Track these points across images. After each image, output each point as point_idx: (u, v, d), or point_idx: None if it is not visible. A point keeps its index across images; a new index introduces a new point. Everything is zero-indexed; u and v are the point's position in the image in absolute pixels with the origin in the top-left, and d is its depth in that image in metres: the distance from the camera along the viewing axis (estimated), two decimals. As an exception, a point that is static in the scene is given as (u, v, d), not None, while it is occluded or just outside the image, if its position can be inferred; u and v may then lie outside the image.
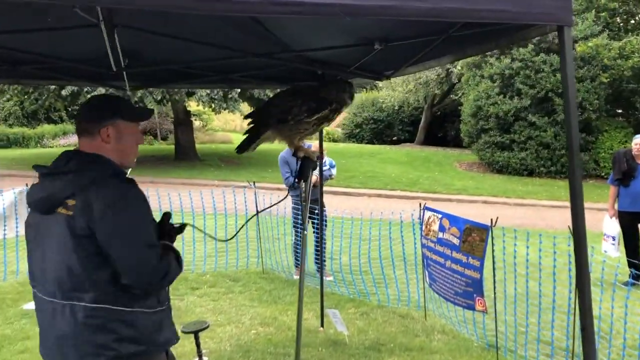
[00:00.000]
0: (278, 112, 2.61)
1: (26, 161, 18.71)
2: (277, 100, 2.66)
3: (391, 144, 27.15)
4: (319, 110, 2.56)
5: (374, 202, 13.56)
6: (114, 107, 2.20)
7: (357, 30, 3.17)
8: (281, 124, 2.63)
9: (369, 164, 19.26)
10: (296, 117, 2.59)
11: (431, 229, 4.96)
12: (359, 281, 6.19)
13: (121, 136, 2.18)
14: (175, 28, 3.17)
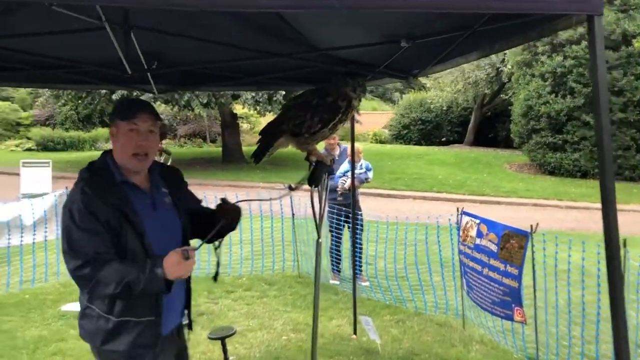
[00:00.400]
0: (291, 127, 2.50)
1: (80, 164, 19.06)
2: (288, 114, 2.54)
3: (439, 145, 26.65)
4: (333, 118, 2.44)
5: (418, 204, 13.28)
6: (117, 107, 2.36)
7: (382, 27, 3.04)
8: (296, 137, 2.52)
9: (415, 165, 18.94)
10: (310, 129, 2.47)
11: (468, 235, 4.74)
12: (395, 287, 6.00)
13: (118, 136, 2.22)
14: (196, 29, 3.12)
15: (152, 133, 2.25)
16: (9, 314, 5.54)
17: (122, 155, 2.21)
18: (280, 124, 2.56)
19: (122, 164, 2.23)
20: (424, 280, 5.83)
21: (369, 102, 33.90)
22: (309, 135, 2.48)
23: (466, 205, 10.96)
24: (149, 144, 2.24)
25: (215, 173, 16.48)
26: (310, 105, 2.49)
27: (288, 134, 2.53)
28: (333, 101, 2.45)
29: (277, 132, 2.58)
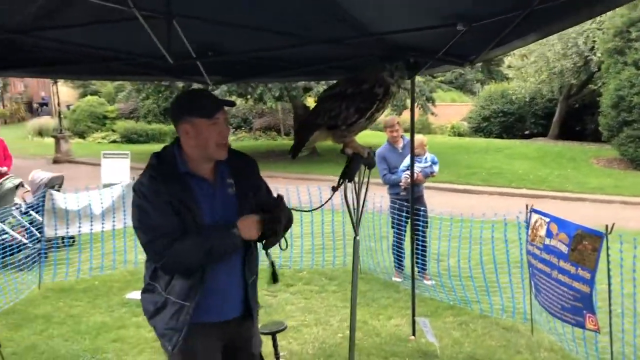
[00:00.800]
0: (326, 120, 2.34)
1: (160, 155, 19.96)
2: (323, 106, 2.38)
3: (522, 139, 25.50)
4: (370, 106, 2.25)
5: (494, 200, 12.72)
6: (187, 106, 2.30)
7: (437, 9, 2.84)
8: (332, 130, 2.36)
9: (494, 159, 18.18)
10: (346, 121, 2.30)
11: (537, 234, 4.40)
12: (458, 287, 5.70)
13: (198, 133, 2.25)
14: (244, 17, 3.03)
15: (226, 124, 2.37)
16: (78, 299, 5.75)
17: (205, 150, 2.28)
18: (315, 118, 2.41)
19: (200, 158, 2.31)
20: (491, 281, 5.50)
21: (447, 93, 32.95)
22: (346, 127, 2.31)
23: (546, 202, 10.33)
24: (227, 133, 2.36)
25: (286, 166, 16.53)
26: (345, 95, 2.31)
27: (324, 128, 2.37)
28: (369, 89, 2.26)
29: (312, 126, 2.43)
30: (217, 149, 2.29)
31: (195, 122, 2.25)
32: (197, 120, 2.24)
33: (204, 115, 2.24)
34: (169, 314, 2.30)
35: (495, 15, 2.64)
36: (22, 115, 42.42)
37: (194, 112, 2.25)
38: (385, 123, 6.65)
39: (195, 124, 2.25)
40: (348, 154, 2.33)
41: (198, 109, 2.27)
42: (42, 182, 7.42)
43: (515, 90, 26.39)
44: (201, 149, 2.28)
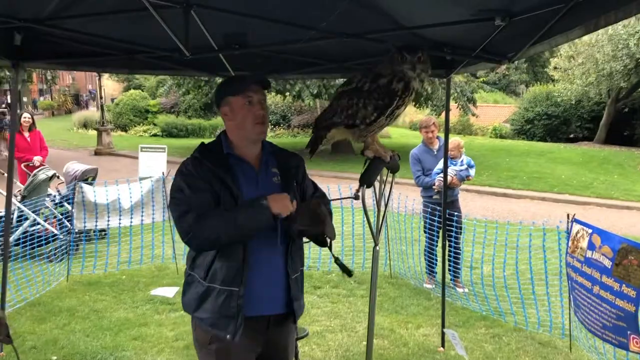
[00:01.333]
0: (343, 118, 2.16)
1: (198, 150, 20.11)
2: (340, 103, 2.19)
3: (566, 142, 24.71)
4: (390, 103, 2.04)
5: (535, 205, 12.29)
6: (223, 89, 2.37)
7: (476, 2, 2.63)
8: (350, 128, 2.18)
9: (536, 163, 17.62)
10: (365, 119, 2.11)
11: (579, 246, 4.11)
12: (492, 297, 5.42)
13: (235, 112, 2.29)
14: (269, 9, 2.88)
15: (264, 103, 2.35)
16: (104, 293, 5.72)
17: (243, 130, 2.30)
18: (332, 115, 2.23)
19: (241, 140, 2.32)
20: (527, 292, 5.22)
21: (490, 95, 32.23)
22: (365, 127, 2.11)
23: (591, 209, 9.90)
24: (265, 112, 2.33)
25: (322, 164, 16.41)
26: (362, 91, 2.11)
27: (341, 126, 2.19)
28: (387, 84, 2.06)
29: (329, 124, 2.25)
30: (254, 127, 2.28)
31: (230, 101, 2.29)
32: (232, 99, 2.29)
33: (236, 92, 2.28)
34: (218, 301, 2.22)
35: (536, 8, 2.42)
36: (69, 107, 43.58)
37: (228, 91, 2.32)
38: (421, 123, 6.43)
39: (231, 104, 2.29)
40: (368, 156, 2.14)
41: (231, 87, 2.34)
42: (76, 174, 7.46)
43: (560, 93, 25.62)
44: (240, 128, 2.30)
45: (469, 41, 3.23)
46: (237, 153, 2.33)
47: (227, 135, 2.37)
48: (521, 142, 24.95)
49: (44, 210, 7.03)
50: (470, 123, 28.05)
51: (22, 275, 5.69)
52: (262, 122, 2.31)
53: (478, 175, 8.97)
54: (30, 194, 6.85)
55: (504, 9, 2.61)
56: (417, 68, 2.05)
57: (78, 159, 17.18)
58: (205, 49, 3.15)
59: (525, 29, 2.62)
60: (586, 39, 23.02)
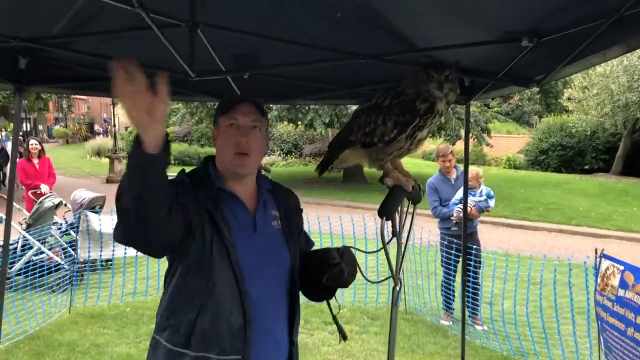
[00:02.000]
0: (360, 136, 1.95)
1: (209, 179, 20.04)
2: (357, 121, 1.99)
3: (581, 174, 24.37)
4: (412, 120, 1.84)
5: (553, 238, 11.96)
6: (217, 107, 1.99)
7: (499, 21, 2.45)
8: (367, 148, 1.96)
9: (552, 194, 17.30)
10: (384, 137, 1.89)
11: (609, 284, 3.85)
12: (513, 335, 5.12)
13: (219, 138, 1.92)
14: (278, 28, 2.72)
15: (255, 130, 1.89)
16: (107, 327, 5.50)
17: (222, 157, 1.90)
18: (348, 134, 2.02)
19: (223, 169, 1.91)
20: (550, 330, 4.92)
21: (503, 125, 32.00)
22: (383, 145, 1.90)
23: (611, 242, 9.58)
24: (251, 141, 1.87)
25: (334, 192, 16.20)
26: (382, 107, 1.92)
27: (357, 146, 1.98)
28: (409, 101, 1.87)
29: (344, 143, 2.04)
30: (233, 158, 1.85)
31: (218, 122, 1.92)
32: (219, 119, 1.91)
33: (223, 112, 1.90)
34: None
35: (568, 27, 2.22)
36: (84, 135, 44.00)
37: (218, 110, 1.94)
38: (438, 151, 6.23)
39: (219, 125, 1.91)
40: (388, 185, 1.93)
41: (220, 106, 1.95)
42: (84, 201, 7.32)
43: (575, 124, 25.40)
44: (218, 155, 1.93)
45: (491, 64, 3.03)
46: (229, 189, 1.89)
47: (214, 163, 1.96)
48: (536, 172, 24.66)
49: (49, 239, 6.87)
50: (484, 153, 27.82)
51: (22, 307, 5.49)
52: (244, 153, 1.85)
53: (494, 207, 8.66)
54: (35, 222, 6.70)
55: (531, 29, 2.42)
56: (445, 87, 1.85)
57: (90, 187, 17.17)
58: (212, 71, 2.99)
59: (555, 49, 2.42)
60: (600, 70, 22.89)
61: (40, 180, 8.30)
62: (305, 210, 1.65)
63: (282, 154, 25.88)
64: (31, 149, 8.40)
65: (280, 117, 16.39)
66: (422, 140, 1.93)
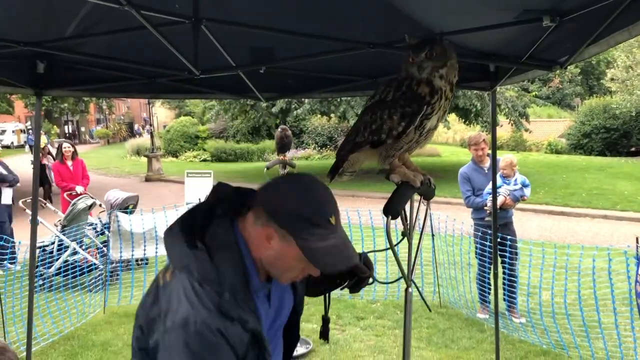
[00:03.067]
0: (367, 135, 1.84)
1: (246, 174, 20.20)
2: (363, 120, 1.88)
3: (627, 156, 23.53)
4: (419, 110, 1.72)
5: (597, 224, 11.55)
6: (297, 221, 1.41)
7: (516, 1, 2.30)
8: (377, 147, 1.85)
9: (595, 179, 16.73)
10: (392, 131, 1.78)
11: (650, 273, 3.65)
12: (552, 328, 4.92)
13: (284, 256, 1.45)
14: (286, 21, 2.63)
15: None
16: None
17: (282, 273, 1.49)
18: (355, 135, 1.92)
19: (265, 269, 1.49)
20: (591, 321, 4.72)
21: (543, 109, 31.17)
22: (393, 141, 1.80)
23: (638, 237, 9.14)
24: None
25: (370, 185, 16.03)
26: (386, 101, 1.81)
27: (366, 147, 1.88)
28: (412, 89, 1.75)
29: (352, 146, 1.94)
30: (289, 279, 1.54)
31: (291, 245, 1.41)
32: (294, 248, 1.41)
33: (311, 259, 1.42)
34: None
35: (590, 4, 2.07)
36: (124, 135, 45.01)
37: (302, 239, 1.40)
38: (470, 140, 6.05)
39: (289, 247, 1.42)
40: (394, 181, 1.82)
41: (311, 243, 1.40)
42: (117, 202, 7.41)
43: (619, 104, 24.54)
44: (271, 266, 1.48)
45: (514, 47, 2.87)
46: (261, 280, 1.51)
47: (250, 253, 1.47)
48: (578, 157, 23.93)
49: (85, 240, 6.99)
50: (524, 139, 27.19)
51: (56, 307, 5.59)
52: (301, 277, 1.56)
53: (534, 193, 8.41)
54: (70, 223, 6.81)
55: (552, 8, 2.26)
56: (425, 66, 1.73)
57: (129, 185, 17.53)
58: (222, 67, 2.93)
59: (578, 28, 2.26)
60: (645, 48, 22.02)
61: (74, 181, 8.46)
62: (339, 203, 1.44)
63: (317, 147, 25.82)
64: (64, 152, 8.57)
65: (313, 110, 16.32)
66: (432, 130, 1.82)
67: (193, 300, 1.35)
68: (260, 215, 1.43)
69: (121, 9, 1.83)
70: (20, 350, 4.39)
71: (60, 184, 8.53)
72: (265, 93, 3.75)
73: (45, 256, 6.37)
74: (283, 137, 5.40)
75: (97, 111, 52.75)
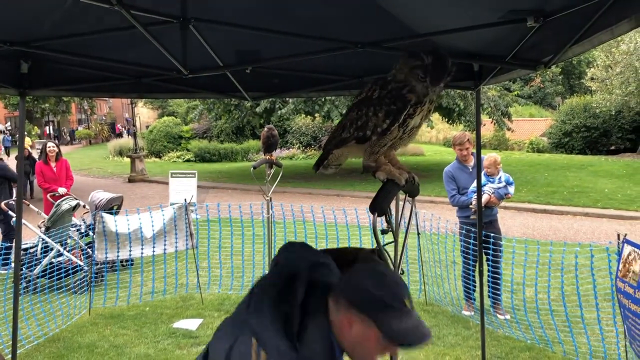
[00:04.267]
0: (353, 132, 1.88)
1: (230, 174, 20.14)
2: (349, 117, 1.92)
3: (608, 155, 23.87)
4: (403, 108, 1.75)
5: (579, 222, 11.70)
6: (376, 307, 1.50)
7: (502, 1, 2.34)
8: (362, 143, 1.88)
9: (576, 177, 16.95)
10: (377, 128, 1.81)
11: (630, 270, 3.71)
12: (536, 324, 4.99)
13: (365, 340, 1.54)
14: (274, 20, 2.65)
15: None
16: (125, 327, 5.51)
17: (361, 356, 1.59)
18: (341, 131, 1.95)
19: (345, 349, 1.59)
20: (574, 317, 4.80)
21: (525, 108, 31.49)
22: (377, 137, 1.83)
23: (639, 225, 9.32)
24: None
25: (354, 184, 16.10)
26: (372, 99, 1.84)
27: (352, 142, 1.91)
28: (398, 89, 1.79)
29: (338, 141, 1.97)
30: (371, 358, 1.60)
31: (372, 331, 1.51)
32: (375, 333, 1.51)
33: (394, 340, 1.52)
34: None
35: (574, 4, 2.11)
36: (106, 135, 44.58)
37: (383, 324, 1.50)
38: (455, 140, 6.10)
39: (370, 332, 1.51)
40: (380, 179, 1.85)
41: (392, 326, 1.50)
42: (101, 202, 7.36)
43: (599, 103, 24.86)
44: (350, 350, 1.59)
45: (498, 47, 2.92)
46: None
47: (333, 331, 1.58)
48: (560, 155, 24.22)
49: (69, 241, 6.93)
50: (506, 138, 27.46)
51: (41, 309, 5.54)
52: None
53: (516, 191, 8.50)
54: (54, 225, 6.75)
55: (536, 9, 2.30)
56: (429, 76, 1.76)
57: (112, 186, 17.38)
58: (209, 67, 2.93)
59: (562, 28, 2.30)
60: (624, 47, 22.36)
61: (58, 183, 8.37)
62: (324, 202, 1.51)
63: (302, 147, 25.83)
64: (48, 152, 8.48)
65: (297, 109, 16.33)
66: (416, 128, 1.85)
67: None
68: (341, 302, 1.54)
69: (111, 8, 1.83)
70: (5, 352, 4.35)
71: (43, 185, 8.44)
72: (251, 92, 3.76)
73: (29, 258, 6.30)
74: (269, 137, 5.40)
75: (78, 111, 52.20)
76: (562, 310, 4.88)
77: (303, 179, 17.00)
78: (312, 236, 6.47)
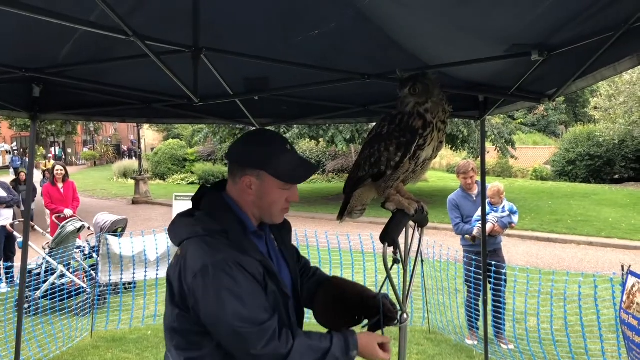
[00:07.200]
0: (368, 169, 1.94)
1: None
2: (363, 156, 1.98)
3: (611, 184, 23.83)
4: (413, 140, 1.80)
5: (582, 251, 11.66)
6: (262, 157, 1.78)
7: (508, 36, 2.40)
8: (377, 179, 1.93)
9: (580, 206, 16.93)
10: (390, 162, 1.86)
11: (635, 301, 3.71)
12: (539, 354, 4.96)
13: (263, 192, 1.80)
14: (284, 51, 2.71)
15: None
16: (127, 351, 5.49)
17: (268, 213, 1.84)
18: (357, 171, 2.00)
19: (257, 216, 1.84)
20: (577, 347, 4.76)
21: (529, 136, 31.64)
22: (392, 172, 1.87)
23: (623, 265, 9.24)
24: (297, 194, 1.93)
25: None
26: (382, 135, 1.89)
27: (369, 180, 1.95)
28: (405, 121, 1.84)
29: (355, 181, 2.01)
30: (279, 213, 1.86)
31: (266, 179, 1.77)
32: (270, 179, 1.77)
33: (285, 179, 1.79)
34: None
35: (578, 40, 2.16)
36: (111, 157, 44.78)
37: (271, 168, 1.76)
38: (459, 168, 6.12)
39: (265, 182, 1.78)
40: (390, 209, 1.88)
41: (280, 167, 1.77)
42: (106, 225, 7.39)
43: (602, 133, 24.90)
44: (260, 209, 1.82)
45: (503, 79, 2.97)
46: (255, 227, 1.84)
47: (235, 202, 1.82)
48: (563, 183, 24.21)
49: (72, 263, 6.94)
50: (510, 165, 27.47)
51: (42, 331, 5.52)
52: (288, 208, 1.88)
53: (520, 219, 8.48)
54: (58, 246, 6.77)
55: (541, 43, 2.36)
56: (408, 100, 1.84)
57: (116, 208, 17.41)
58: (220, 95, 2.99)
59: (566, 63, 2.36)
60: (627, 77, 22.52)
61: (64, 204, 8.43)
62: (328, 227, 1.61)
63: (306, 171, 25.88)
64: (56, 174, 8.55)
65: (302, 134, 16.43)
66: (428, 160, 1.89)
67: (206, 250, 1.64)
68: (235, 171, 1.81)
69: (127, 39, 1.88)
70: (6, 374, 4.34)
71: (49, 207, 8.49)
72: (259, 119, 3.82)
73: (32, 279, 6.31)
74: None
75: (83, 132, 52.55)
76: (565, 340, 4.85)
77: (307, 203, 17.01)
78: (316, 261, 6.47)
